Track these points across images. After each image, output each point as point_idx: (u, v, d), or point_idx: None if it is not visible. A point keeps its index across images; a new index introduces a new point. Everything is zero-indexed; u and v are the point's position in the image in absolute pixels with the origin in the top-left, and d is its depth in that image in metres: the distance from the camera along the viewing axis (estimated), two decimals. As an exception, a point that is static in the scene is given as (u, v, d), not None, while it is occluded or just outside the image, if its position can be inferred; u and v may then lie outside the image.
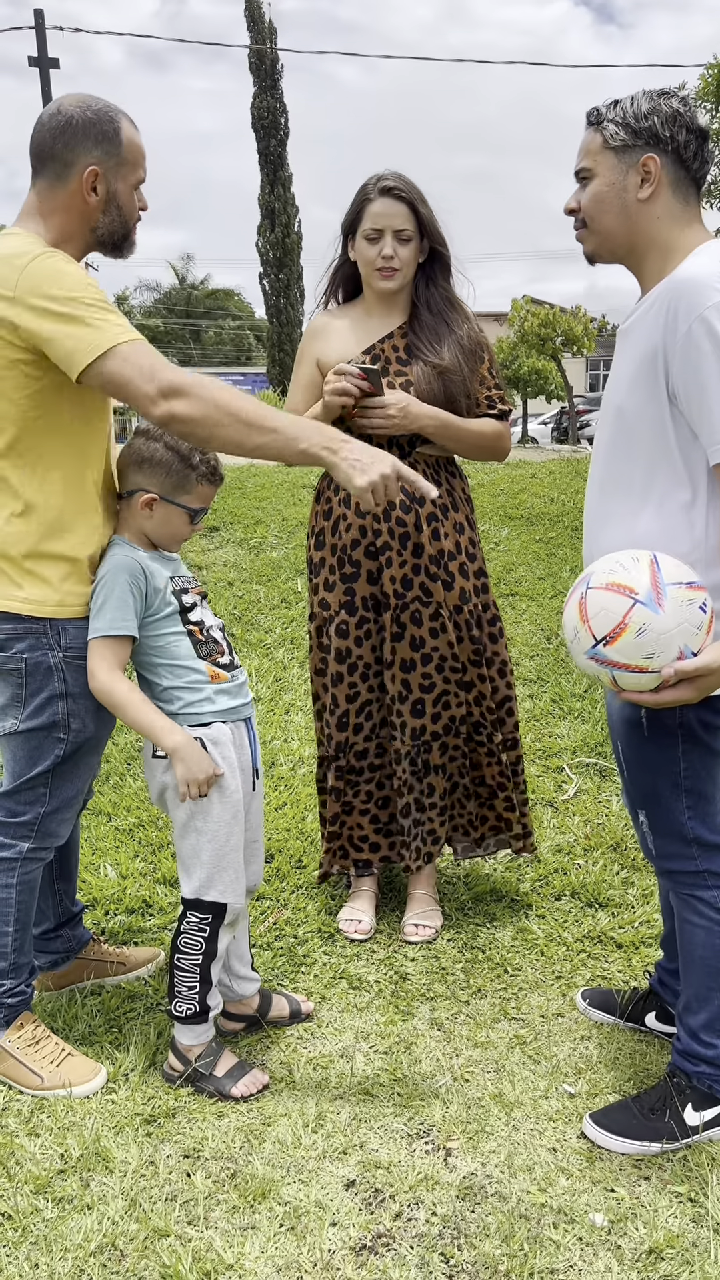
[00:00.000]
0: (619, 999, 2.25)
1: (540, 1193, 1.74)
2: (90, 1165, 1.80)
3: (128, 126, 1.89)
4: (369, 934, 2.60)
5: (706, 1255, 1.61)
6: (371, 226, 2.38)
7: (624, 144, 1.67)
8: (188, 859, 2.00)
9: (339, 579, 2.49)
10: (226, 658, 2.05)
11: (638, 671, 1.57)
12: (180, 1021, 2.02)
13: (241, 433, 1.73)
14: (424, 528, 2.44)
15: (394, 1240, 1.64)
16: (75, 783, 2.01)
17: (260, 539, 5.80)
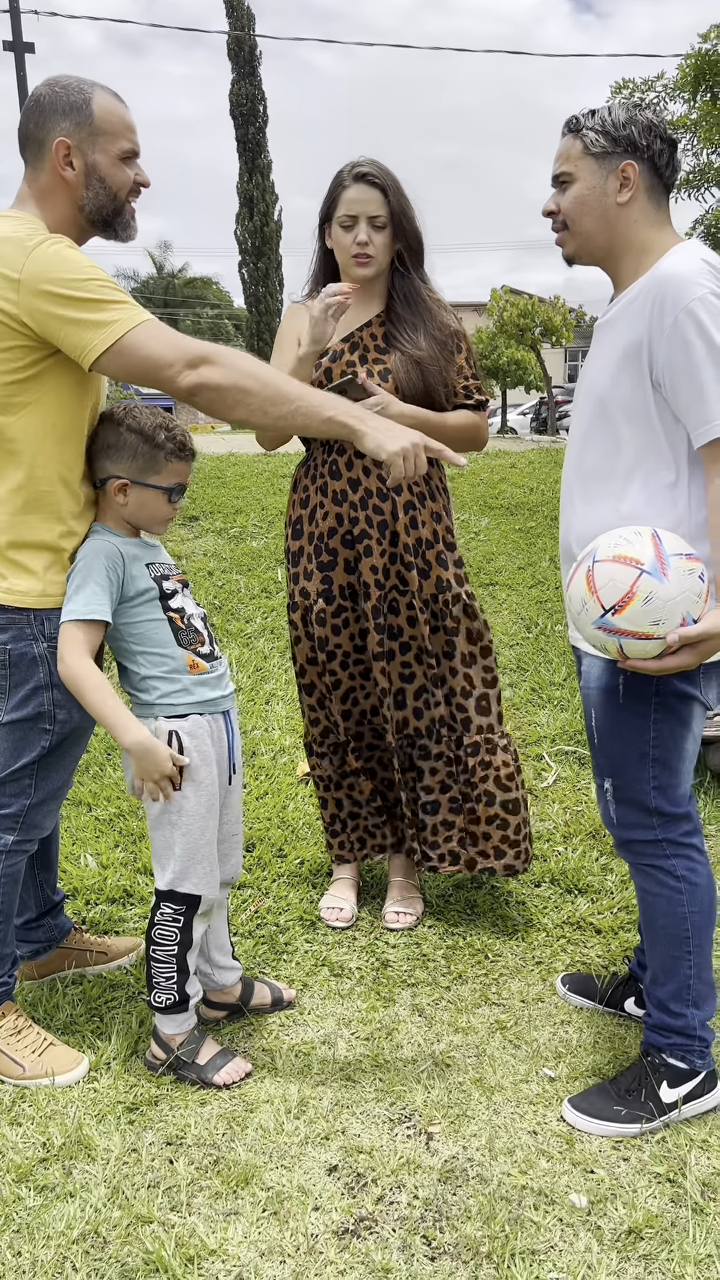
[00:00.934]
0: (599, 984, 2.27)
1: (521, 1175, 1.76)
2: (72, 1153, 1.80)
3: (103, 97, 1.84)
4: (350, 922, 2.61)
5: (685, 1235, 1.63)
6: (346, 213, 2.36)
7: (604, 150, 1.77)
8: (161, 851, 1.99)
9: (316, 567, 2.49)
10: (207, 647, 2.03)
11: (644, 639, 1.65)
12: (161, 1012, 2.02)
13: (268, 401, 1.74)
14: (400, 516, 2.43)
15: (376, 1223, 1.65)
16: (61, 774, 2.00)
17: (240, 528, 5.78)
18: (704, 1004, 1.91)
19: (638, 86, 5.86)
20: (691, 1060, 1.90)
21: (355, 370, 2.39)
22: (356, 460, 2.43)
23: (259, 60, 26.93)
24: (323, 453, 2.48)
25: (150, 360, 1.71)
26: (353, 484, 2.43)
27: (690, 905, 1.89)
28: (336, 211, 2.39)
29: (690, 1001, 1.90)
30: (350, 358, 2.43)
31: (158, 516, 2.00)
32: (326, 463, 2.46)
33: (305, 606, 2.52)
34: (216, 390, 1.72)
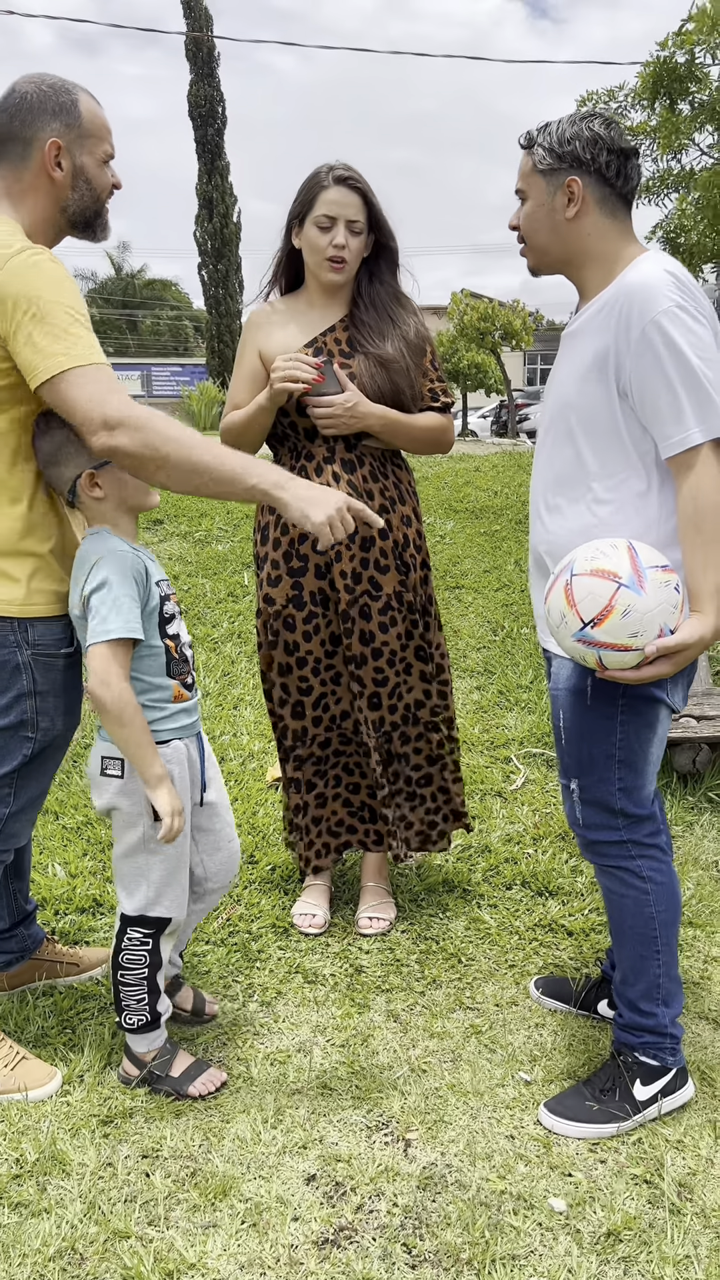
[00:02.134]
0: (572, 986, 2.28)
1: (500, 1180, 1.76)
2: (47, 1169, 1.77)
3: (86, 99, 1.84)
4: (323, 928, 2.60)
5: (663, 1236, 1.64)
6: (325, 214, 2.34)
7: (550, 167, 1.79)
8: (133, 879, 1.94)
9: (285, 573, 2.47)
10: (190, 677, 2.00)
11: (623, 650, 1.67)
12: (133, 1033, 2.00)
13: (187, 470, 1.70)
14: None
15: (356, 1232, 1.65)
16: (39, 783, 1.97)
17: (205, 532, 5.75)
18: (673, 1001, 1.93)
19: (601, 97, 5.91)
20: (663, 1058, 1.92)
21: (332, 359, 2.38)
22: (326, 466, 2.42)
23: (217, 61, 26.77)
24: (290, 458, 2.47)
25: (73, 408, 1.67)
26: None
27: (657, 905, 1.91)
28: (314, 211, 2.36)
29: (660, 1000, 1.92)
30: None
31: (137, 486, 1.89)
32: (295, 468, 2.45)
33: (270, 613, 2.50)
34: (130, 456, 1.68)
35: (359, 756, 2.59)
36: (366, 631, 2.47)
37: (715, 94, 5.31)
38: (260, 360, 2.48)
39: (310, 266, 2.44)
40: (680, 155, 6.23)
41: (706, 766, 3.47)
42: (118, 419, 1.66)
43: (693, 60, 5.38)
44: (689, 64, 5.40)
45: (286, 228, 2.46)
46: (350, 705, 2.54)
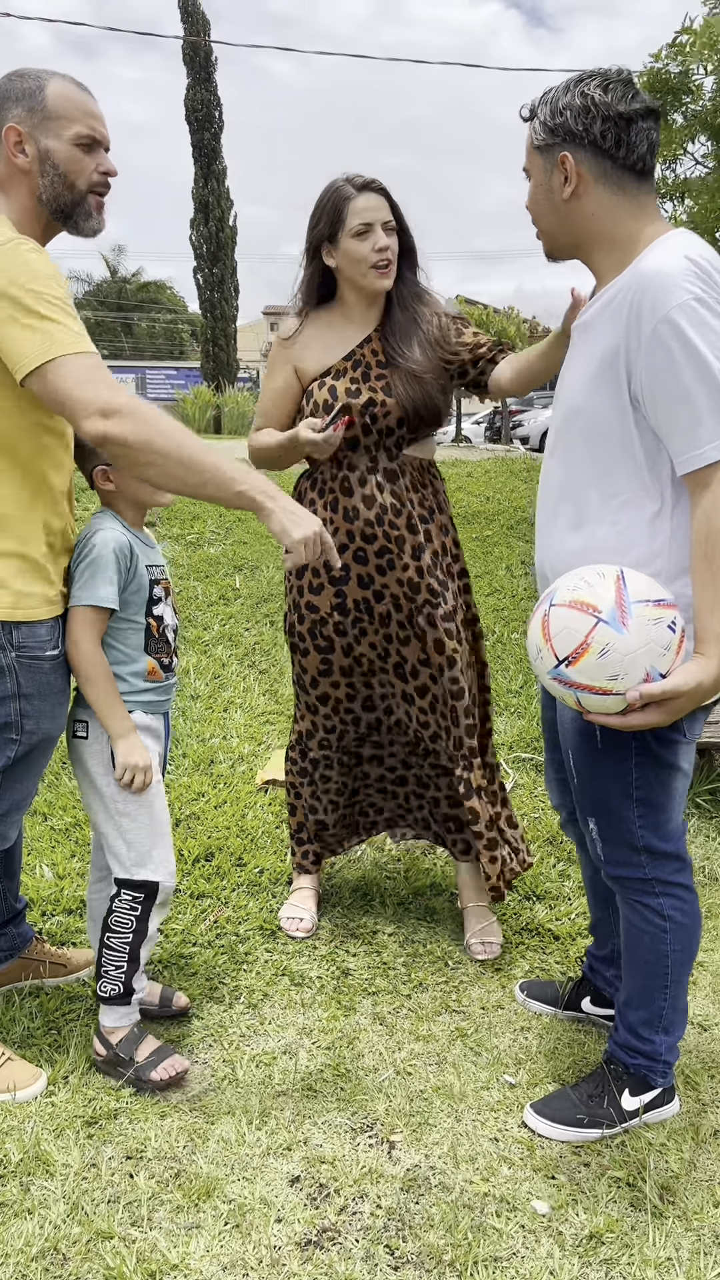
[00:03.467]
0: (558, 989, 2.28)
1: (483, 1182, 1.76)
2: (30, 1169, 1.77)
3: (59, 84, 1.80)
4: (311, 932, 2.60)
5: (645, 1239, 1.64)
6: (361, 222, 2.32)
7: (544, 143, 1.60)
8: (114, 841, 2.01)
9: (327, 581, 2.46)
10: (168, 659, 2.06)
11: (602, 694, 1.50)
12: (104, 1002, 2.04)
13: (180, 467, 1.68)
14: (418, 529, 2.42)
15: (339, 1234, 1.65)
16: (26, 784, 1.97)
17: (198, 534, 5.75)
18: (673, 1030, 1.89)
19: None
20: (653, 1080, 1.90)
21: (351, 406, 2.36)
22: (369, 477, 2.41)
23: (215, 66, 26.83)
24: (331, 468, 2.45)
25: (67, 394, 1.64)
26: (366, 500, 2.40)
27: (673, 944, 1.82)
28: (348, 223, 2.32)
29: (661, 1029, 1.88)
30: (354, 374, 2.40)
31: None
32: (337, 478, 2.43)
33: (314, 620, 2.49)
34: (124, 445, 1.66)
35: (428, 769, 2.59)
36: (413, 637, 2.46)
37: (708, 105, 5.36)
38: (296, 376, 2.47)
39: (352, 279, 2.39)
40: (675, 165, 6.28)
41: (694, 772, 3.48)
42: (115, 406, 1.64)
43: (686, 72, 5.43)
44: (683, 76, 5.45)
45: (312, 249, 2.43)
46: (382, 710, 2.56)
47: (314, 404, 2.41)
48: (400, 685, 2.52)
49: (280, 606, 5.03)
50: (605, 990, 2.19)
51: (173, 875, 2.05)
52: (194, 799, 3.34)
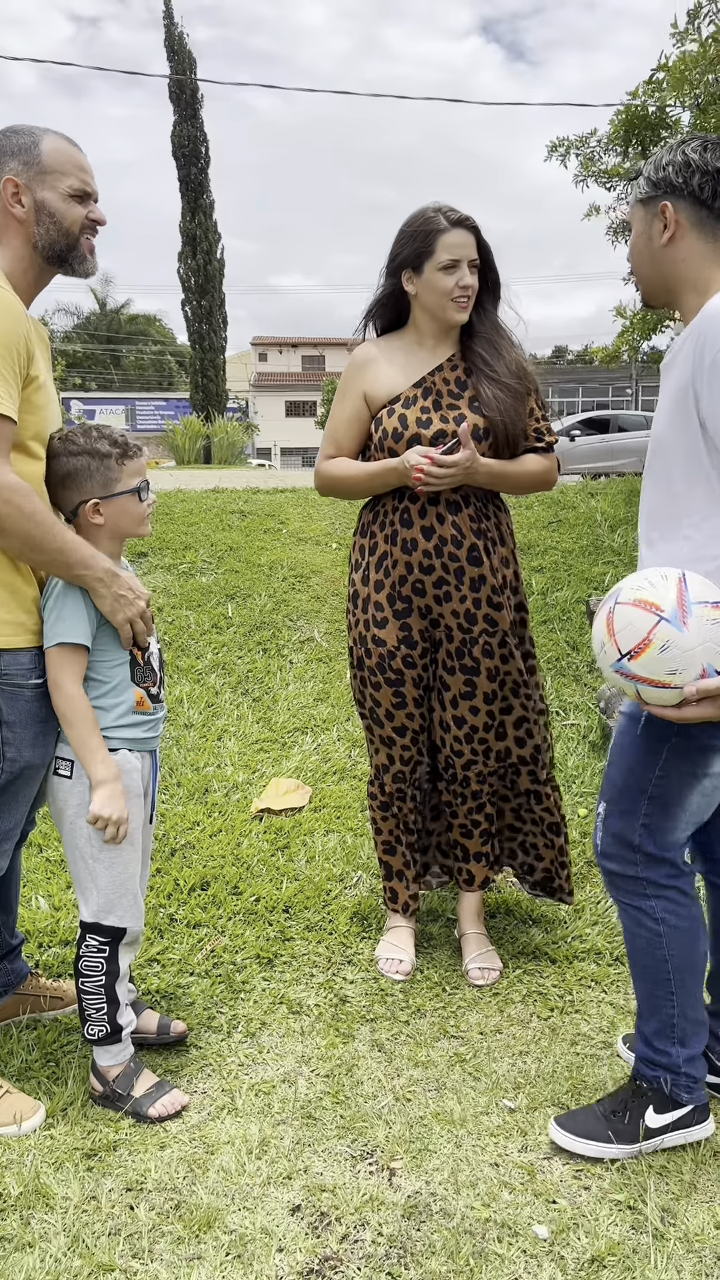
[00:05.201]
0: None
1: (484, 1208, 1.76)
2: (30, 1203, 1.77)
3: (53, 140, 1.90)
4: (408, 975, 2.54)
5: (646, 1261, 1.65)
6: (450, 258, 2.35)
7: (648, 195, 1.80)
8: (85, 884, 2.00)
9: (391, 615, 2.48)
10: (156, 688, 2.06)
11: (661, 687, 1.61)
12: (95, 1044, 2.03)
13: (24, 544, 1.82)
14: (483, 561, 2.43)
15: (341, 1263, 1.65)
16: (13, 814, 1.98)
17: (190, 564, 5.78)
18: (690, 1041, 1.90)
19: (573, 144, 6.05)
20: (678, 1095, 1.90)
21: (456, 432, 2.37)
22: (430, 508, 2.41)
23: (201, 102, 27.22)
24: (393, 499, 2.46)
25: None
26: (426, 532, 2.41)
27: (670, 948, 1.86)
28: (435, 256, 2.35)
29: (675, 1039, 1.89)
30: (424, 403, 2.42)
31: (136, 518, 2.01)
32: (398, 510, 2.45)
33: (382, 654, 2.50)
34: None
35: (449, 795, 2.61)
36: (472, 667, 2.48)
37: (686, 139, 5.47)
38: (365, 402, 2.49)
39: (430, 308, 2.42)
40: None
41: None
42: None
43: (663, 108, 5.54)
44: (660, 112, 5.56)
45: (393, 270, 2.46)
46: (439, 741, 2.57)
47: (383, 431, 2.42)
48: (439, 712, 2.54)
49: (272, 635, 5.05)
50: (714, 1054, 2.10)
51: (141, 918, 2.05)
52: (189, 828, 3.34)
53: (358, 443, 2.53)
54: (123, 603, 1.91)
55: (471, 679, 2.48)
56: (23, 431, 1.86)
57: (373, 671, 2.53)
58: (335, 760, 3.90)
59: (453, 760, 2.55)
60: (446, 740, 2.55)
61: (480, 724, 2.51)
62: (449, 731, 2.53)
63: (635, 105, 5.64)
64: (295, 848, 3.22)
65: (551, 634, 4.99)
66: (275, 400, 46.81)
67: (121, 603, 1.91)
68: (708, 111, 5.33)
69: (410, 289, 2.44)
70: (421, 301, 2.43)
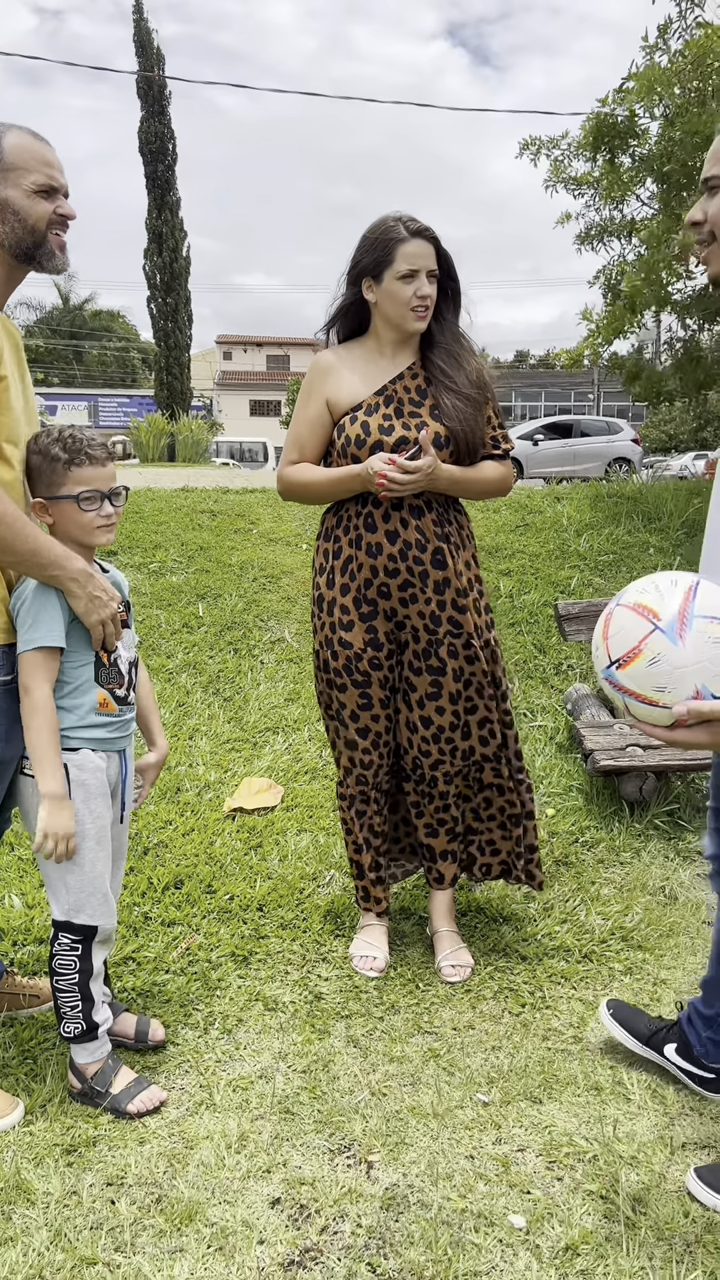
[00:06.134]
0: (648, 1025, 2.21)
1: (461, 1199, 1.80)
2: (11, 1199, 1.77)
3: (16, 135, 1.88)
4: (383, 972, 2.58)
5: (620, 1249, 1.69)
6: (408, 267, 2.38)
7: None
8: (55, 883, 2.00)
9: (358, 618, 2.51)
10: (123, 691, 2.05)
11: (647, 704, 1.45)
12: (72, 1041, 2.04)
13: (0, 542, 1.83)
14: (447, 564, 2.47)
15: (321, 1254, 1.68)
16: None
17: (160, 563, 5.77)
18: None
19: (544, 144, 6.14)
20: None
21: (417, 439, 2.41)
22: (394, 512, 2.44)
23: (168, 99, 27.09)
24: (356, 504, 2.49)
25: None
26: (390, 536, 2.45)
27: None
28: (393, 265, 2.38)
29: None
30: (386, 410, 2.45)
31: (81, 525, 1.96)
32: (361, 515, 2.47)
33: (348, 656, 2.53)
34: None
35: (416, 795, 2.65)
36: (438, 668, 2.51)
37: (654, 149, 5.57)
38: (327, 409, 2.51)
39: (390, 317, 2.45)
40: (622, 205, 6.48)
41: (653, 795, 3.57)
42: None
43: (632, 116, 5.64)
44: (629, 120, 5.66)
45: (353, 279, 2.49)
46: (406, 742, 2.60)
47: (346, 437, 2.45)
48: (406, 713, 2.58)
49: (243, 635, 5.06)
50: (695, 1048, 2.11)
51: (113, 916, 2.05)
52: (161, 827, 3.35)
53: (320, 448, 2.56)
54: (97, 604, 1.92)
55: (438, 679, 2.52)
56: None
57: (339, 673, 2.56)
58: (307, 760, 3.93)
59: (420, 761, 2.59)
60: (414, 741, 2.58)
61: (446, 724, 2.55)
62: (416, 732, 2.57)
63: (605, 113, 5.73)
64: (268, 847, 3.24)
65: (519, 637, 5.05)
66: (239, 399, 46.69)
67: (96, 604, 1.92)
68: (675, 122, 5.44)
69: (370, 297, 2.47)
70: (381, 310, 2.47)
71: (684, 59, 5.07)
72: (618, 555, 6.06)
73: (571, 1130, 1.99)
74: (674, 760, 3.51)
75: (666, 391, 8.12)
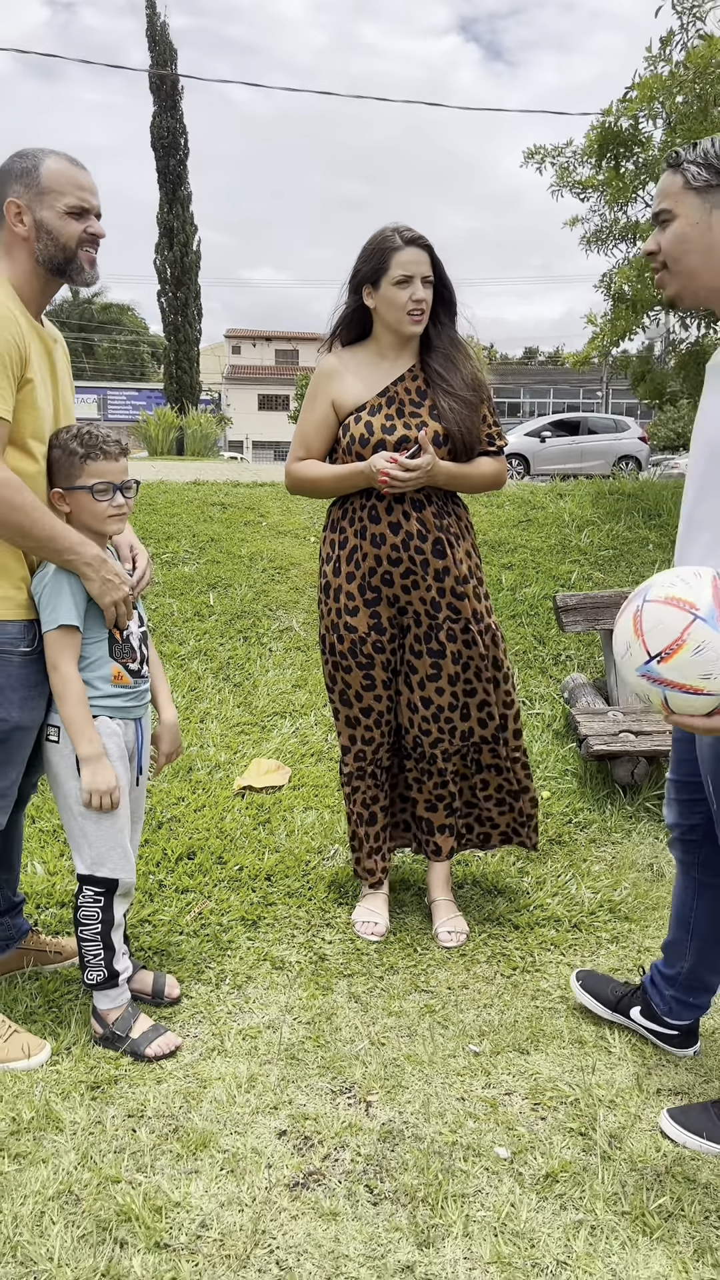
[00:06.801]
0: (613, 992, 2.36)
1: (451, 1133, 1.97)
2: (41, 1126, 1.95)
3: (53, 160, 2.06)
4: (383, 936, 2.75)
5: (595, 1177, 1.86)
6: (402, 274, 2.54)
7: (706, 184, 1.70)
8: (77, 839, 2.18)
9: (362, 604, 2.68)
10: (136, 664, 2.23)
11: (692, 693, 1.49)
12: (94, 989, 2.22)
13: (15, 531, 2.00)
14: (446, 554, 2.64)
15: (324, 1177, 1.84)
16: (9, 772, 2.14)
17: (172, 554, 5.94)
18: None
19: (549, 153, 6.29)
20: None
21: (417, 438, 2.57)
22: (396, 506, 2.61)
23: (181, 94, 27.24)
24: (360, 498, 2.65)
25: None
26: (393, 527, 2.62)
27: None
28: (390, 272, 2.55)
29: None
30: (388, 411, 2.61)
31: (95, 514, 2.15)
32: (365, 507, 2.64)
33: (353, 640, 2.70)
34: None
35: (416, 772, 2.82)
36: (439, 651, 2.68)
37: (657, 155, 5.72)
38: (333, 409, 2.68)
39: (389, 322, 2.62)
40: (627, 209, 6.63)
41: (644, 779, 3.73)
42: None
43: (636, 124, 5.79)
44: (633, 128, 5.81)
45: (353, 287, 2.66)
46: (407, 722, 2.77)
47: (350, 437, 2.62)
48: (407, 694, 2.75)
49: (253, 623, 5.23)
50: (658, 1006, 2.25)
51: (132, 870, 2.23)
52: (174, 803, 3.52)
53: (326, 446, 2.73)
54: (109, 587, 2.09)
55: (438, 662, 2.69)
56: (21, 430, 2.04)
57: (344, 656, 2.73)
58: (313, 743, 4.09)
59: (420, 739, 2.76)
60: (414, 720, 2.75)
61: (445, 704, 2.72)
62: (416, 712, 2.74)
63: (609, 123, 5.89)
64: (276, 822, 3.41)
65: (520, 628, 5.21)
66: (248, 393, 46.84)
67: (109, 587, 2.09)
68: (677, 130, 5.59)
69: (370, 303, 2.65)
70: (380, 315, 2.64)
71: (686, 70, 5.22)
72: (618, 550, 6.21)
73: (555, 1077, 2.16)
74: (665, 746, 3.67)
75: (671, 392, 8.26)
